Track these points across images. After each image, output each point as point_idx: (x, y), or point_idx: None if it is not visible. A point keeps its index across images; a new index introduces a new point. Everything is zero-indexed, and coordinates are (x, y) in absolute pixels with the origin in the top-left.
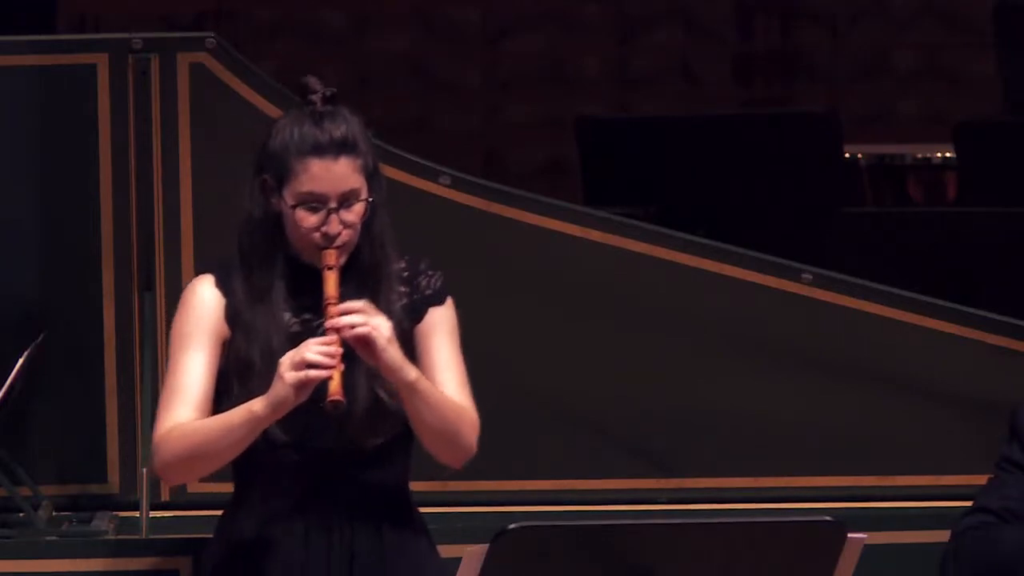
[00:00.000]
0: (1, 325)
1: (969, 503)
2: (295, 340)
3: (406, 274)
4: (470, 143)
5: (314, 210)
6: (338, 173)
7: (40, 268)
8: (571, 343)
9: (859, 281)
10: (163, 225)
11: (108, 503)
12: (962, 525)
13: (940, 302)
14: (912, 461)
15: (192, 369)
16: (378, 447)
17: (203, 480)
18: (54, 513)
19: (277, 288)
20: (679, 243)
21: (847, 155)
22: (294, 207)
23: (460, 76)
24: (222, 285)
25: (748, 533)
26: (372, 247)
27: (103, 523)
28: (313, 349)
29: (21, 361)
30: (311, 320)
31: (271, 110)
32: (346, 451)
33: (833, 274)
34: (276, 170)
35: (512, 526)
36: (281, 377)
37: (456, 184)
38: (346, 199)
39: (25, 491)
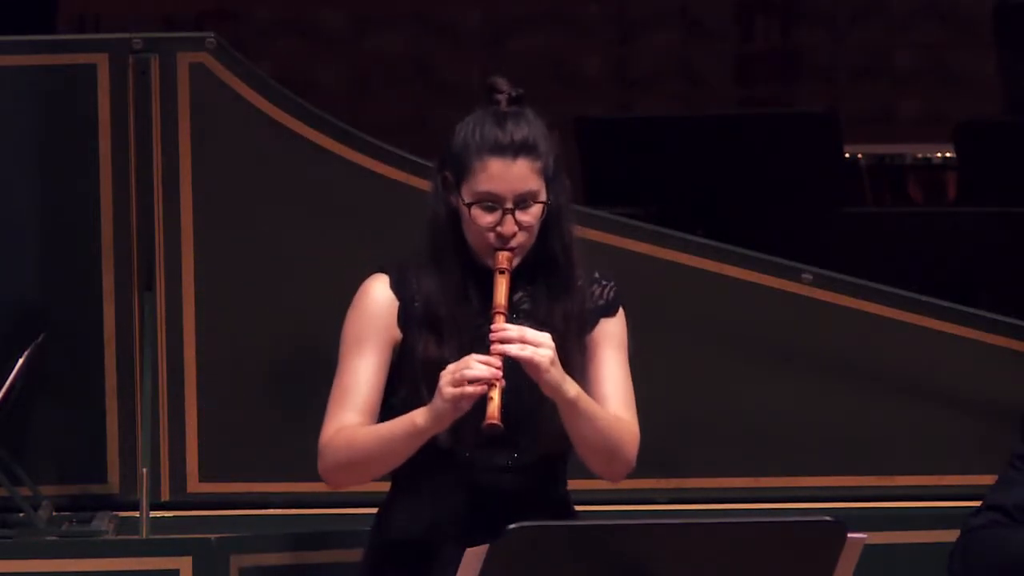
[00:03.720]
0: (1, 325)
1: (968, 503)
2: (484, 340)
3: (580, 283)
4: None
5: (490, 209)
6: (516, 173)
7: (40, 268)
8: None
9: (859, 281)
10: (163, 225)
11: (108, 503)
12: (972, 523)
13: (940, 302)
14: (912, 461)
15: (362, 372)
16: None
17: (202, 480)
18: (54, 513)
19: (471, 287)
20: (679, 243)
21: (847, 155)
22: (470, 205)
23: (460, 76)
24: (396, 287)
25: (748, 533)
26: (563, 250)
27: (103, 523)
28: (473, 365)
29: (21, 361)
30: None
31: (271, 110)
32: (511, 461)
33: (833, 274)
34: (455, 168)
35: (512, 526)
36: (440, 392)
37: None
38: (522, 200)
39: (25, 491)
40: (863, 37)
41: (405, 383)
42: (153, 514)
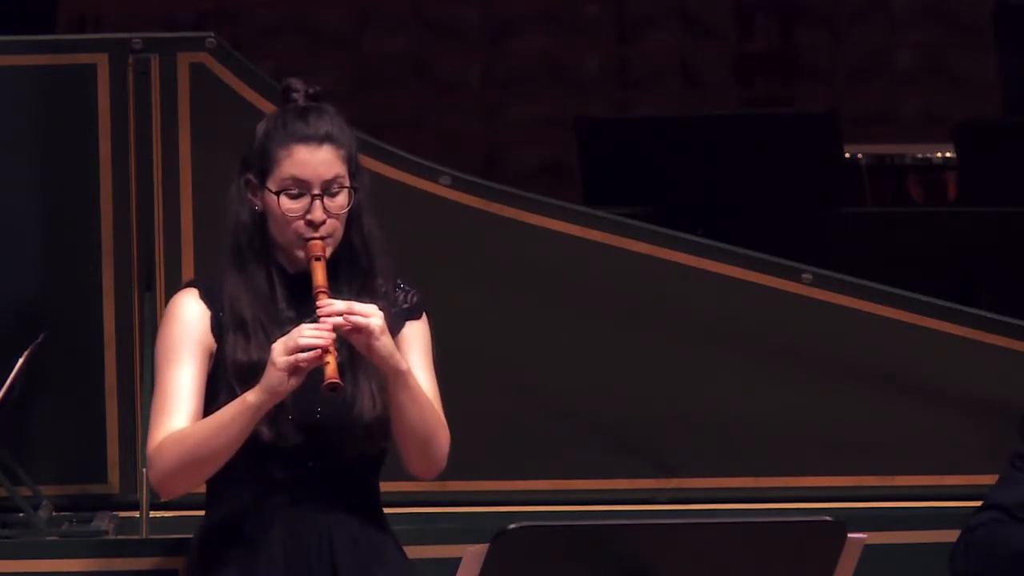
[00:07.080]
0: (1, 325)
1: (968, 503)
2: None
3: (384, 289)
4: (470, 143)
5: (298, 197)
6: (321, 158)
7: (40, 268)
8: (571, 343)
9: (859, 281)
10: (163, 225)
11: (108, 503)
12: (974, 521)
13: (940, 302)
14: (912, 461)
15: (182, 380)
16: (360, 455)
17: None
18: (54, 513)
19: (278, 288)
20: (679, 243)
21: (847, 155)
22: (277, 193)
23: (460, 76)
24: (206, 298)
25: (748, 533)
26: (364, 245)
27: (103, 523)
28: (306, 333)
29: (21, 361)
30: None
31: (271, 110)
32: (334, 455)
33: (833, 274)
34: (259, 164)
35: (512, 526)
36: (274, 363)
37: (456, 184)
38: (328, 186)
39: (25, 491)
40: (863, 37)
41: (223, 390)
42: (153, 514)
